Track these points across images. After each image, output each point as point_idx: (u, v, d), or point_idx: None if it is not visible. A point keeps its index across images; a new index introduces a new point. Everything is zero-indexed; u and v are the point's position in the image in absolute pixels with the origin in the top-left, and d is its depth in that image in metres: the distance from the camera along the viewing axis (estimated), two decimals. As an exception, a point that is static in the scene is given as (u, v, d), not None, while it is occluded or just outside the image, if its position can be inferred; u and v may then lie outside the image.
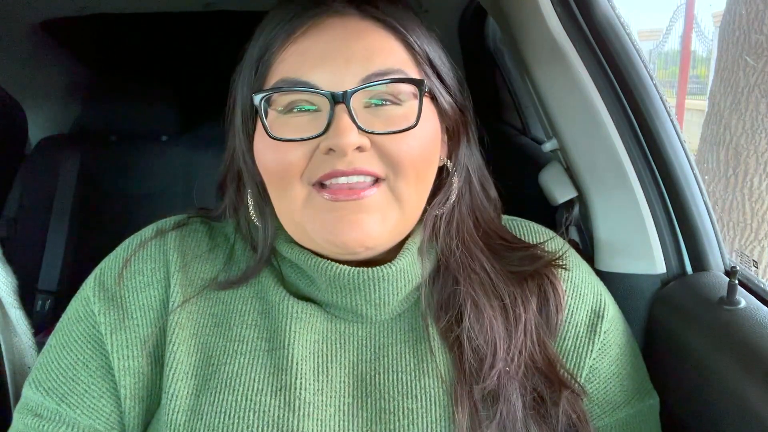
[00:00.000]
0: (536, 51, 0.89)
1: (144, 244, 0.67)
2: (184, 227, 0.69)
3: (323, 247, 0.60)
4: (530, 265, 0.67)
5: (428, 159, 0.61)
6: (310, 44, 0.59)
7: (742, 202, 2.80)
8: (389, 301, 0.63)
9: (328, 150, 0.56)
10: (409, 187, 0.59)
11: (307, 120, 0.58)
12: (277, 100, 0.59)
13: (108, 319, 0.62)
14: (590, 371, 0.67)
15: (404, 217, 0.61)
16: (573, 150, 0.91)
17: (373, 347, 0.63)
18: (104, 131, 1.71)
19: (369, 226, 0.58)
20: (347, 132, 0.55)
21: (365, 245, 0.58)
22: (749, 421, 0.62)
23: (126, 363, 0.61)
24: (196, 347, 0.62)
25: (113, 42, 1.72)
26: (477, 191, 0.68)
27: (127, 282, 0.64)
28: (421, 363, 0.62)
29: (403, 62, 0.60)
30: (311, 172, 0.58)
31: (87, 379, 0.62)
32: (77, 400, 0.61)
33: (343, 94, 0.56)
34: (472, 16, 1.47)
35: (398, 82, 0.58)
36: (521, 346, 0.62)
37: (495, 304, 0.64)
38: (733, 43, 2.80)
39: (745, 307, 0.71)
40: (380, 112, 0.58)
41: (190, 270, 0.65)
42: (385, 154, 0.58)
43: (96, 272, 0.67)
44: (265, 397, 0.59)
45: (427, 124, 0.60)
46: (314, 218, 0.59)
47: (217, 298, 0.65)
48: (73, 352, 0.63)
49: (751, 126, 2.74)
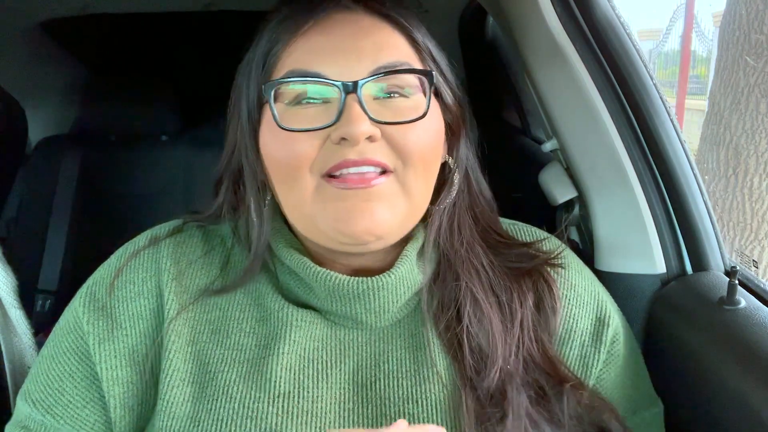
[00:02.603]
0: (536, 51, 0.89)
1: (137, 254, 0.66)
2: (179, 234, 0.69)
3: (333, 238, 0.59)
4: (527, 262, 0.67)
5: (435, 151, 0.62)
6: (319, 38, 0.60)
7: (742, 202, 2.80)
8: (389, 309, 0.63)
9: (340, 139, 0.57)
10: (417, 179, 0.60)
11: (316, 111, 0.58)
12: (285, 93, 0.59)
13: (96, 329, 0.62)
14: (597, 381, 0.67)
15: (412, 208, 0.61)
16: (573, 150, 0.91)
17: (373, 353, 0.63)
18: (104, 131, 1.71)
19: (379, 214, 0.58)
20: (359, 120, 0.56)
21: (375, 234, 0.58)
22: (749, 420, 0.62)
23: (114, 373, 0.61)
24: (193, 355, 0.61)
25: (113, 42, 1.72)
26: (475, 188, 0.69)
27: (118, 292, 0.64)
28: (421, 368, 0.62)
29: (409, 57, 0.61)
30: (322, 163, 0.58)
31: (72, 390, 0.62)
32: (62, 411, 0.62)
33: (354, 84, 0.57)
34: (472, 16, 1.47)
35: (408, 73, 0.60)
36: (518, 341, 0.62)
37: (492, 299, 0.64)
38: (733, 43, 2.80)
39: (745, 307, 0.71)
40: (389, 104, 0.59)
41: (186, 277, 0.65)
42: (395, 145, 0.58)
43: (89, 282, 0.67)
44: (263, 405, 0.58)
45: (433, 118, 0.62)
46: (325, 208, 0.59)
47: (214, 304, 0.64)
48: (61, 364, 0.63)
49: (751, 126, 2.74)
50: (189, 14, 1.47)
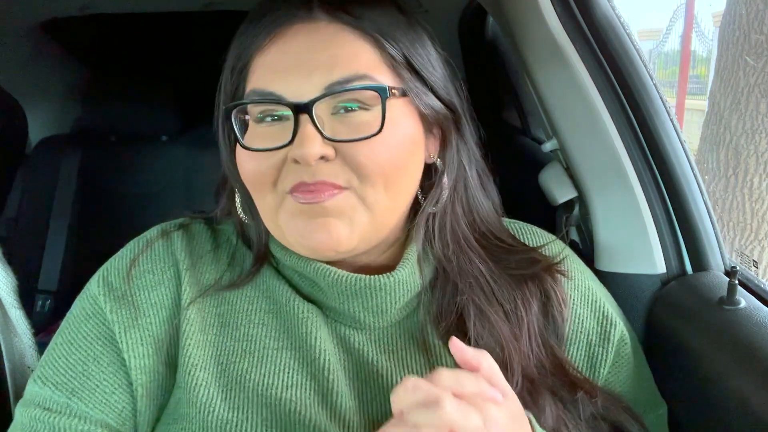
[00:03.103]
0: (536, 51, 0.89)
1: (150, 244, 0.67)
2: (188, 228, 0.69)
3: (299, 250, 0.61)
4: (528, 269, 0.66)
5: (398, 165, 0.59)
6: (276, 56, 0.59)
7: (742, 202, 2.80)
8: (387, 310, 0.63)
9: (293, 160, 0.57)
10: (377, 193, 0.58)
11: (277, 130, 0.58)
12: (251, 111, 0.60)
13: (120, 317, 0.62)
14: (606, 384, 0.67)
15: (374, 221, 0.60)
16: (573, 150, 0.91)
17: (373, 353, 0.63)
18: (104, 131, 1.71)
19: (336, 229, 0.58)
20: (310, 141, 0.55)
21: (334, 249, 0.59)
22: (749, 421, 0.61)
23: (142, 361, 0.61)
24: (205, 344, 0.62)
25: (113, 42, 1.72)
26: (473, 190, 0.67)
27: (136, 281, 0.64)
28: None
29: (372, 66, 0.59)
30: (282, 183, 0.59)
31: (98, 374, 0.61)
32: (89, 395, 0.61)
33: (305, 105, 0.56)
34: (472, 16, 1.46)
35: (358, 90, 0.57)
36: (528, 350, 0.62)
37: (497, 308, 0.63)
38: (733, 43, 2.80)
39: (745, 307, 0.71)
40: (348, 118, 0.58)
41: (197, 269, 0.66)
42: (350, 162, 0.57)
43: (101, 272, 0.66)
44: (277, 391, 0.59)
45: (397, 129, 0.59)
46: (288, 222, 0.59)
47: (222, 298, 0.65)
48: (83, 348, 0.62)
49: (751, 126, 2.74)
50: (189, 14, 1.47)
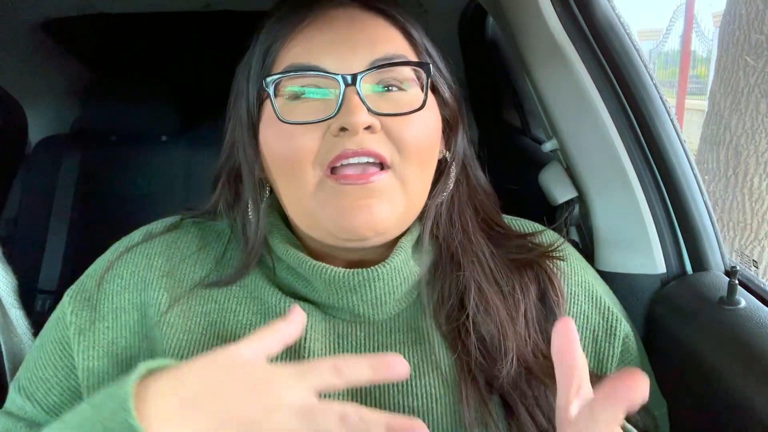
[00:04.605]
0: (536, 51, 0.89)
1: (129, 249, 0.67)
2: (175, 230, 0.69)
3: (333, 234, 0.60)
4: (527, 254, 0.67)
5: (432, 145, 0.63)
6: (316, 33, 0.61)
7: (742, 202, 2.80)
8: (386, 301, 0.63)
9: (339, 130, 0.57)
10: (414, 174, 0.60)
11: (315, 105, 0.59)
12: (285, 89, 0.60)
13: (78, 319, 0.63)
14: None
15: (410, 204, 0.62)
16: (573, 150, 0.91)
17: (372, 347, 0.63)
18: (104, 131, 1.71)
19: (378, 210, 0.58)
20: (358, 110, 0.57)
21: (375, 229, 0.59)
22: (749, 420, 0.62)
23: (90, 364, 0.62)
24: (189, 344, 0.62)
25: (113, 42, 1.72)
26: (474, 181, 0.70)
27: (106, 285, 0.65)
28: (421, 362, 0.62)
29: (405, 50, 0.63)
30: (323, 156, 0.59)
31: (53, 378, 0.63)
32: (41, 398, 0.63)
33: (353, 77, 0.58)
34: (472, 16, 1.47)
35: (405, 65, 0.61)
36: (525, 334, 0.62)
37: (495, 288, 0.64)
38: (733, 43, 2.80)
39: (745, 307, 0.71)
40: (387, 97, 0.60)
41: (179, 272, 0.66)
42: (393, 137, 0.59)
43: (82, 276, 0.68)
44: None
45: (430, 112, 0.63)
46: (325, 204, 0.59)
47: (209, 297, 0.65)
48: (47, 353, 0.64)
49: (751, 126, 2.74)
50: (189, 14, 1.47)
